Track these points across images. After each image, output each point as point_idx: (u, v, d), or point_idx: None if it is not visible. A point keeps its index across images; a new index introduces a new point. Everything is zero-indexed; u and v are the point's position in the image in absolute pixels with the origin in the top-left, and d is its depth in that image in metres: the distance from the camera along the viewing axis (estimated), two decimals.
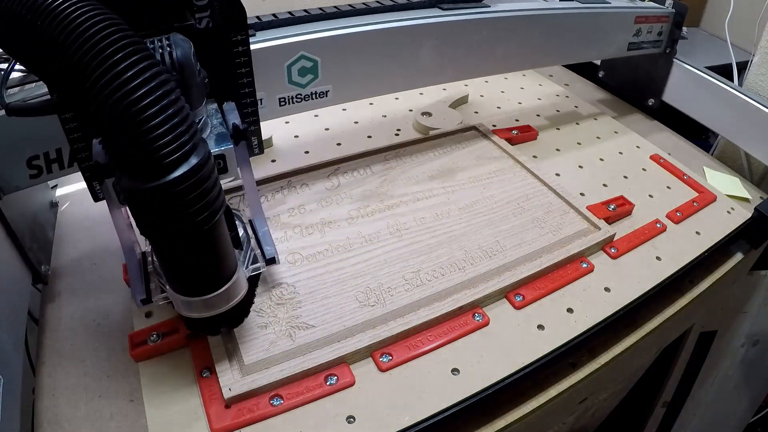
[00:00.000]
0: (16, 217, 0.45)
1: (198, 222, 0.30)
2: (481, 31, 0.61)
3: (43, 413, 0.39)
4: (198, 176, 0.29)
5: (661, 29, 0.77)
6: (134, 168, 0.28)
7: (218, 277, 0.35)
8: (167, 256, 0.33)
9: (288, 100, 0.52)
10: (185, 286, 0.35)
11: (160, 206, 0.29)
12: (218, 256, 0.34)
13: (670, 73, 0.79)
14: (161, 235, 0.31)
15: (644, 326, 0.51)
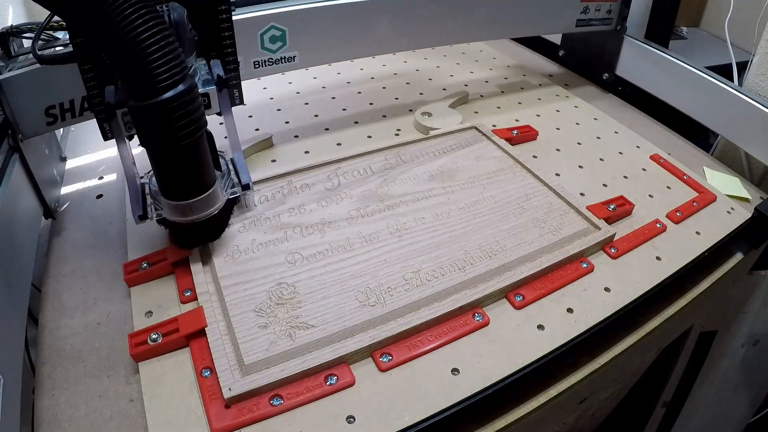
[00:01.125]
0: (33, 158, 0.52)
1: (185, 134, 0.39)
2: (428, 6, 0.69)
3: (43, 413, 0.39)
4: (185, 98, 0.38)
5: (610, 7, 0.81)
6: (138, 90, 0.37)
7: (201, 184, 0.44)
8: (161, 164, 0.42)
9: (261, 63, 0.61)
10: (174, 192, 0.43)
11: (156, 120, 0.38)
12: (201, 165, 0.43)
13: (621, 49, 0.85)
14: (157, 144, 0.40)
15: (644, 326, 0.51)
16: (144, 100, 0.37)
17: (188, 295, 0.46)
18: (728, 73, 0.86)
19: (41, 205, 0.54)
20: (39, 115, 0.51)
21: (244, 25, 0.56)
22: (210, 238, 0.51)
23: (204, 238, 0.51)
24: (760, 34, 0.78)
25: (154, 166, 0.43)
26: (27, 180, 0.52)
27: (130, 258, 0.50)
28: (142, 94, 0.37)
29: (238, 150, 0.54)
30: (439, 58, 0.97)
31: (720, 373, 0.87)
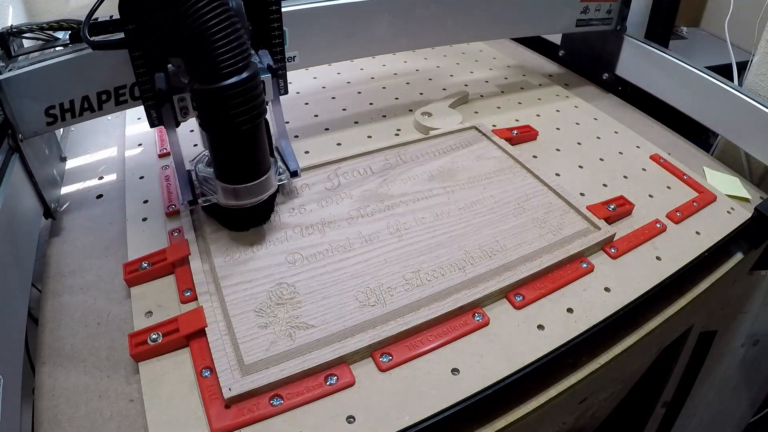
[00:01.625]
0: (33, 158, 0.52)
1: (249, 118, 0.42)
2: (428, 6, 0.69)
3: (43, 413, 0.39)
4: (251, 83, 0.41)
5: (610, 7, 0.81)
6: (206, 74, 0.39)
7: (260, 168, 0.46)
8: (223, 148, 0.44)
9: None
10: (234, 175, 0.45)
11: (222, 103, 0.40)
12: (259, 151, 0.45)
13: (621, 49, 0.85)
14: (221, 128, 0.42)
15: (644, 326, 0.51)
16: (212, 84, 0.39)
17: (188, 295, 0.46)
18: (728, 73, 0.86)
19: (41, 205, 0.54)
20: (39, 115, 0.51)
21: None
22: (260, 222, 0.53)
23: (255, 221, 0.53)
24: (760, 34, 0.78)
25: (214, 150, 0.45)
26: (27, 180, 0.52)
27: (130, 258, 0.50)
28: (209, 78, 0.39)
29: (285, 138, 0.55)
30: (439, 58, 0.97)
31: (720, 373, 0.87)
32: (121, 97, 0.54)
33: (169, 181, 0.60)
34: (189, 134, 0.70)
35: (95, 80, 0.52)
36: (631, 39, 0.84)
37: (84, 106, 0.53)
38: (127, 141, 0.69)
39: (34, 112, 0.51)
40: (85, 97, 0.52)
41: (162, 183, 0.60)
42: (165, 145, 0.67)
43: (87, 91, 0.52)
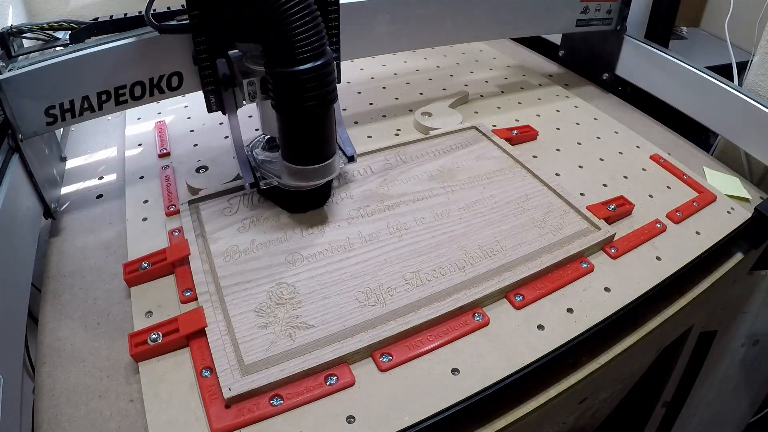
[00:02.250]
0: (33, 158, 0.52)
1: (325, 101, 0.44)
2: (428, 6, 0.69)
3: (43, 413, 0.39)
4: (328, 67, 0.43)
5: (610, 7, 0.81)
6: (285, 58, 0.42)
7: (327, 151, 0.48)
8: (297, 130, 0.46)
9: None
10: (304, 156, 0.47)
11: (298, 87, 0.43)
12: (329, 134, 0.47)
13: (621, 49, 0.85)
14: (295, 110, 0.44)
15: (644, 326, 0.51)
16: (293, 67, 0.42)
17: (188, 295, 0.46)
18: (728, 73, 0.86)
19: (41, 204, 0.54)
20: (39, 115, 0.51)
21: None
22: (319, 204, 0.55)
23: (315, 204, 0.55)
24: (760, 34, 0.78)
25: (286, 132, 0.47)
26: (27, 180, 0.52)
27: (130, 258, 0.50)
28: (290, 62, 0.42)
29: (341, 124, 0.56)
30: (439, 58, 0.97)
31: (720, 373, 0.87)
32: (121, 97, 0.54)
33: (169, 181, 0.60)
34: (189, 134, 0.70)
35: (95, 80, 0.52)
36: (631, 39, 0.84)
37: (84, 106, 0.53)
38: (127, 141, 0.69)
39: (34, 112, 0.51)
40: (85, 97, 0.52)
41: (162, 183, 0.60)
42: (165, 145, 0.67)
43: (87, 91, 0.52)
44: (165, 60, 0.55)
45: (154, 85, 0.55)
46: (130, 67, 0.53)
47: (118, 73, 0.53)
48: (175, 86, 0.57)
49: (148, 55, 0.54)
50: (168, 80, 0.56)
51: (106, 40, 0.53)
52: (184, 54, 0.55)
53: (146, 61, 0.54)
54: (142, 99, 0.56)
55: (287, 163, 0.48)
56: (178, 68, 0.56)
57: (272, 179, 0.52)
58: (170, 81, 0.56)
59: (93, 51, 0.51)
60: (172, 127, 0.72)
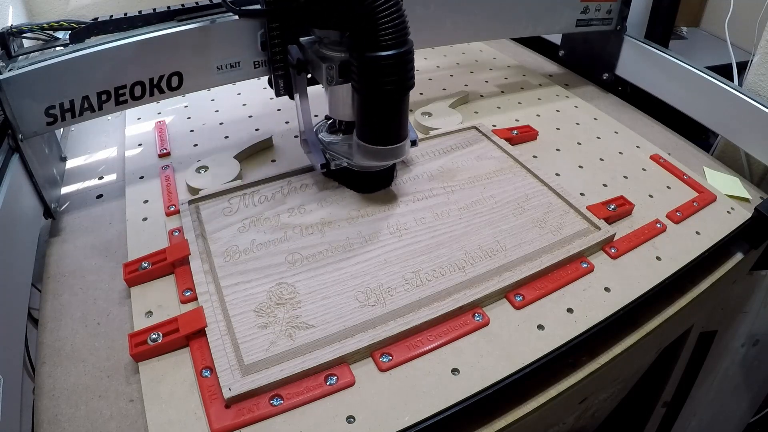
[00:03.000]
0: (33, 158, 0.52)
1: (408, 84, 0.48)
2: (428, 6, 0.69)
3: (43, 413, 0.39)
4: (409, 55, 0.46)
5: (610, 7, 0.81)
6: (376, 44, 0.45)
7: (402, 133, 0.51)
8: (381, 111, 0.49)
9: (261, 64, 0.60)
10: (382, 137, 0.50)
11: (381, 71, 0.46)
12: (404, 117, 0.50)
13: (621, 49, 0.85)
14: (380, 93, 0.47)
15: (644, 326, 0.51)
16: (382, 52, 0.45)
17: (188, 295, 0.46)
18: (728, 73, 0.86)
19: (41, 204, 0.54)
20: (39, 115, 0.51)
21: (243, 25, 0.57)
22: (386, 184, 0.59)
23: (384, 183, 0.58)
24: (760, 34, 0.78)
25: (369, 114, 0.50)
26: (27, 180, 0.52)
27: (130, 258, 0.50)
28: (377, 48, 0.45)
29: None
30: (439, 58, 0.97)
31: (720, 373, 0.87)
32: (121, 97, 0.54)
33: (169, 181, 0.60)
34: (189, 134, 0.70)
35: (95, 80, 0.52)
36: (631, 39, 0.83)
37: (84, 106, 0.53)
38: (127, 141, 0.69)
39: (34, 112, 0.51)
40: (85, 97, 0.52)
41: (162, 183, 0.60)
42: (165, 145, 0.67)
43: (87, 91, 0.52)
44: (165, 60, 0.55)
45: (154, 85, 0.56)
46: (131, 67, 0.54)
47: (119, 73, 0.53)
48: (175, 86, 0.57)
49: (149, 55, 0.54)
50: (168, 80, 0.56)
51: (106, 40, 0.53)
52: (184, 54, 0.55)
53: (146, 61, 0.54)
54: (142, 99, 0.56)
55: (364, 143, 0.51)
56: (178, 68, 0.56)
57: (341, 160, 0.55)
58: (170, 81, 0.56)
59: (93, 51, 0.51)
60: (172, 127, 0.72)
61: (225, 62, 0.58)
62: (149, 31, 0.53)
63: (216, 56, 0.57)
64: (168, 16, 0.57)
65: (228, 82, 0.60)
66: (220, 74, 0.59)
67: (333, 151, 0.56)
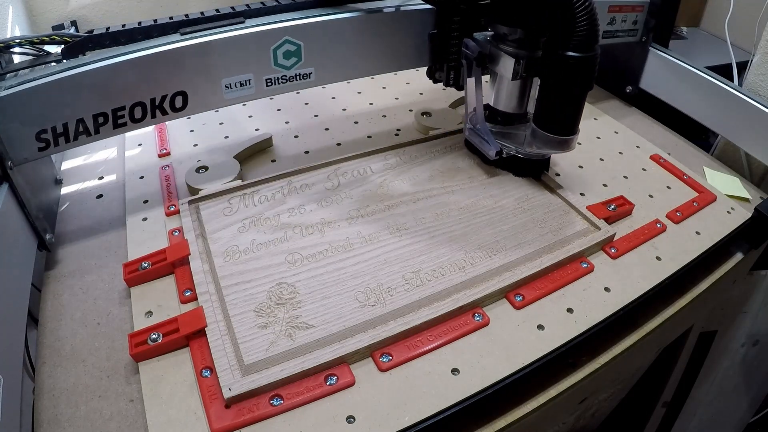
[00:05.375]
0: (24, 186, 0.48)
1: (585, 86, 0.51)
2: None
3: (43, 413, 0.39)
4: (591, 61, 0.50)
5: (636, 18, 0.79)
6: (580, 44, 0.49)
7: (577, 125, 0.55)
8: (566, 106, 0.53)
9: (274, 81, 0.57)
10: (564, 128, 0.54)
11: (573, 70, 0.50)
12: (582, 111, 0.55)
13: (646, 61, 0.83)
14: (575, 89, 0.52)
15: (644, 326, 0.51)
16: (585, 53, 0.49)
17: (188, 295, 0.46)
18: (728, 73, 0.86)
19: (35, 237, 0.50)
20: (29, 141, 0.47)
21: (255, 40, 0.53)
22: (546, 169, 0.63)
23: (543, 168, 0.63)
24: (760, 34, 0.78)
25: (555, 106, 0.53)
26: (18, 211, 0.47)
27: (130, 258, 0.50)
28: (577, 48, 0.49)
29: None
30: None
31: (720, 373, 0.87)
32: (119, 119, 0.51)
33: (169, 181, 0.60)
34: (189, 134, 0.70)
35: (91, 101, 0.49)
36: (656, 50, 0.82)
37: (79, 129, 0.49)
38: (127, 141, 0.69)
39: (24, 136, 0.46)
40: (80, 120, 0.49)
41: (162, 183, 0.60)
42: (165, 145, 0.67)
43: (82, 114, 0.49)
44: (168, 78, 0.51)
45: (156, 106, 0.52)
46: (130, 87, 0.50)
47: (117, 93, 0.49)
48: (179, 107, 0.53)
49: (150, 73, 0.50)
50: (172, 101, 0.53)
51: (102, 56, 0.49)
52: (189, 71, 0.52)
53: (147, 80, 0.50)
54: (143, 121, 0.52)
55: (545, 132, 0.55)
56: (182, 87, 0.52)
57: (510, 148, 0.60)
58: (174, 102, 0.53)
59: (88, 69, 0.47)
60: (172, 127, 0.72)
61: (235, 80, 0.54)
62: (150, 45, 0.50)
63: (225, 73, 0.54)
64: (171, 28, 0.53)
65: (238, 101, 0.56)
66: (230, 93, 0.55)
67: (501, 141, 0.60)
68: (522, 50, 0.55)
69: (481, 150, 0.61)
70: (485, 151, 0.60)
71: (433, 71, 0.65)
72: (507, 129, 0.62)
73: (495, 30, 0.58)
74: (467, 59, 0.59)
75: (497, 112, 0.63)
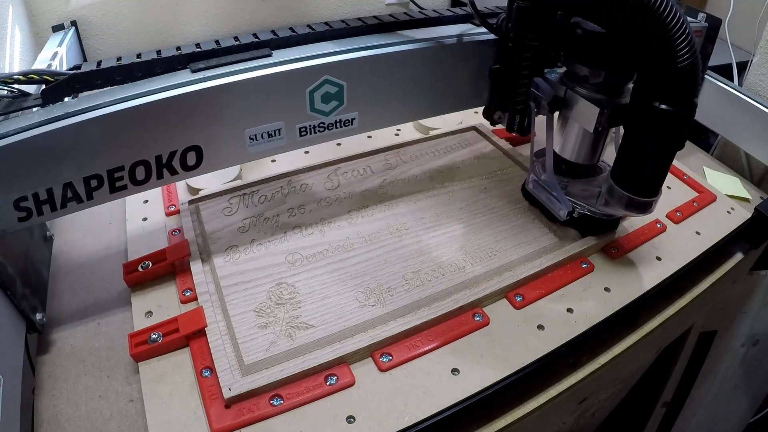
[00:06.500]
0: (6, 261, 0.41)
1: (677, 144, 0.43)
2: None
3: (43, 413, 0.39)
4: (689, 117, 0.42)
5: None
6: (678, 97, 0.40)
7: (661, 186, 0.46)
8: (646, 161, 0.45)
9: (309, 130, 0.48)
10: (643, 187, 0.46)
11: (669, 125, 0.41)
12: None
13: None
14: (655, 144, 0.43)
15: (644, 326, 0.51)
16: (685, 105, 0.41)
17: (188, 295, 0.46)
18: (728, 73, 0.86)
19: (22, 319, 0.42)
20: (7, 210, 0.38)
21: (287, 80, 0.44)
22: (615, 227, 0.55)
23: (613, 226, 0.55)
24: (760, 34, 0.78)
25: (641, 164, 0.45)
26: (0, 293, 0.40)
27: (130, 258, 0.50)
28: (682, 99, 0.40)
29: None
30: None
31: (720, 373, 0.87)
32: (117, 182, 0.41)
33: None
34: None
35: (81, 162, 0.39)
36: None
37: (67, 195, 0.40)
38: None
39: (1, 205, 0.38)
40: (67, 184, 0.39)
41: None
42: None
43: (70, 177, 0.39)
44: (178, 130, 0.42)
45: (162, 164, 0.42)
46: (130, 142, 0.40)
47: (113, 150, 0.40)
48: (192, 165, 0.44)
49: (155, 124, 0.41)
50: (182, 157, 0.43)
51: (94, 103, 0.39)
52: (204, 121, 0.43)
53: (152, 133, 0.41)
54: (147, 183, 0.43)
55: (629, 193, 0.46)
56: (195, 141, 0.43)
57: (582, 207, 0.52)
58: (185, 158, 0.43)
59: (75, 122, 0.38)
60: None
61: (261, 130, 0.45)
62: (154, 89, 0.40)
63: (249, 122, 0.44)
64: (178, 62, 0.43)
65: (265, 155, 0.47)
66: (255, 146, 0.45)
67: (569, 196, 0.52)
68: (605, 96, 0.47)
69: (547, 207, 0.53)
70: (554, 210, 0.51)
71: (491, 112, 0.55)
72: (573, 182, 0.54)
73: (572, 69, 0.49)
74: (537, 101, 0.50)
75: (561, 161, 0.54)
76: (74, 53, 0.80)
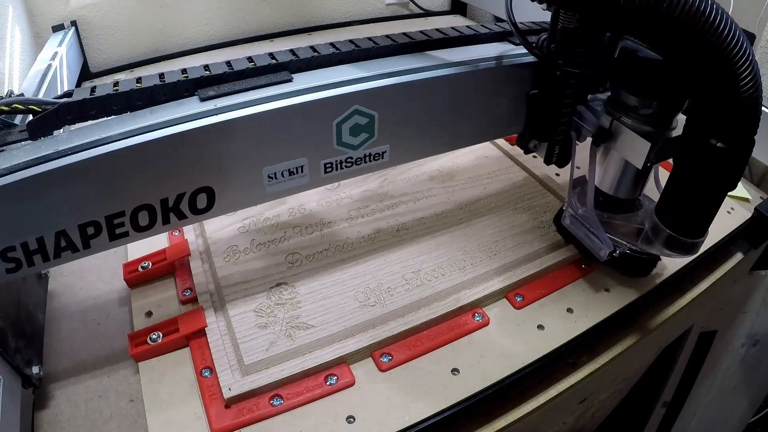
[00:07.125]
0: None
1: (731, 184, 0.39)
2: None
3: (43, 413, 0.39)
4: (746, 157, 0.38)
5: None
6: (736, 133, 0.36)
7: (708, 227, 0.43)
8: (694, 201, 0.41)
9: (335, 166, 0.43)
10: (690, 228, 0.42)
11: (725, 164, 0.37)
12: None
13: None
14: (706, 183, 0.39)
15: (644, 326, 0.51)
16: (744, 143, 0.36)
17: (188, 295, 0.46)
18: None
19: (17, 375, 0.38)
20: None
21: (312, 112, 0.39)
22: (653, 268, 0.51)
23: (652, 267, 0.51)
24: (760, 34, 0.78)
25: (688, 203, 0.41)
26: None
27: (130, 258, 0.50)
28: (740, 137, 0.36)
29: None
30: None
31: (720, 373, 0.87)
32: (118, 228, 0.37)
33: None
34: None
35: (76, 206, 0.35)
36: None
37: (60, 245, 0.36)
38: None
39: None
40: (60, 232, 0.35)
41: None
42: None
43: (63, 225, 0.35)
44: (187, 170, 0.37)
45: (169, 208, 0.38)
46: (131, 185, 0.36)
47: (111, 194, 0.35)
48: (202, 208, 0.39)
49: (159, 164, 0.36)
50: (191, 200, 0.38)
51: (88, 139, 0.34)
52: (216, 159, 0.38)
53: (156, 174, 0.36)
54: (152, 229, 0.39)
55: (674, 233, 0.42)
56: (206, 182, 0.38)
57: (624, 245, 0.47)
58: (195, 201, 0.39)
59: (66, 163, 0.33)
60: None
61: (281, 168, 0.40)
62: (157, 123, 0.35)
63: (267, 160, 0.40)
64: (184, 88, 0.37)
65: (285, 195, 0.43)
66: (274, 185, 0.41)
67: (608, 232, 0.47)
68: (654, 128, 0.42)
69: (585, 245, 0.48)
70: (594, 250, 0.47)
71: (526, 140, 0.50)
72: (612, 216, 0.49)
73: (618, 97, 0.44)
74: (578, 131, 0.46)
75: (599, 193, 0.49)
76: (74, 53, 0.80)
